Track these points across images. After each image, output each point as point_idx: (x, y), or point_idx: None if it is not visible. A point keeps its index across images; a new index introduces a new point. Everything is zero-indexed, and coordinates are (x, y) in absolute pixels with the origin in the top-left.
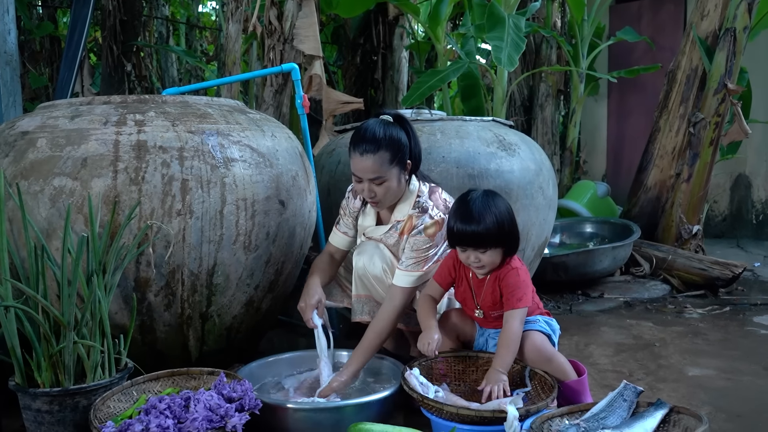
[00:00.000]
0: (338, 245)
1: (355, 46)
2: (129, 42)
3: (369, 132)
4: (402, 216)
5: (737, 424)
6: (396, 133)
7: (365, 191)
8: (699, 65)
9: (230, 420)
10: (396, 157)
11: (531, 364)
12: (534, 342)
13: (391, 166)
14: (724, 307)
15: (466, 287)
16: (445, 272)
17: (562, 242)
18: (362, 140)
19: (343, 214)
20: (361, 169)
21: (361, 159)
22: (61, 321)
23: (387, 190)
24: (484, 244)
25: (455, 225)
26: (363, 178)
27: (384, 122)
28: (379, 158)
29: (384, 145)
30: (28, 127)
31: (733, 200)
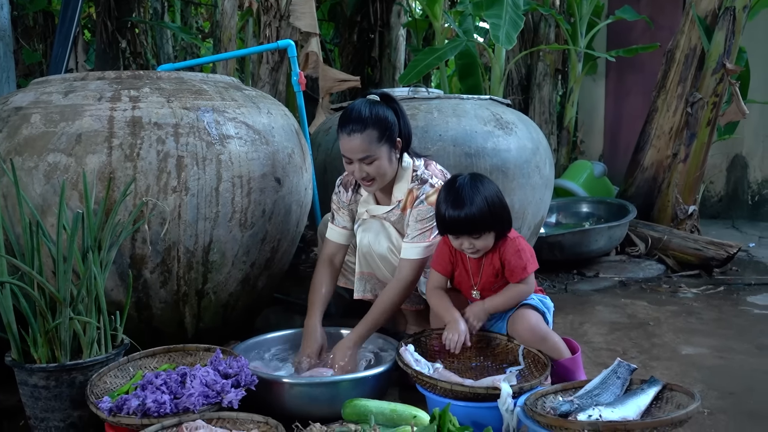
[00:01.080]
0: (338, 241)
1: (352, 23)
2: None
3: (355, 112)
4: (402, 194)
5: (729, 402)
6: (383, 112)
7: (356, 172)
8: (698, 45)
9: (226, 396)
10: (384, 135)
11: (525, 343)
12: (529, 322)
13: (380, 145)
14: (719, 286)
15: (462, 270)
16: (443, 260)
17: (559, 222)
18: (349, 120)
19: (336, 209)
20: (350, 149)
21: (349, 139)
22: (57, 297)
23: (378, 168)
24: (478, 230)
25: (447, 213)
26: (353, 159)
27: (370, 102)
28: (367, 137)
29: (371, 124)
30: (21, 102)
31: (730, 181)
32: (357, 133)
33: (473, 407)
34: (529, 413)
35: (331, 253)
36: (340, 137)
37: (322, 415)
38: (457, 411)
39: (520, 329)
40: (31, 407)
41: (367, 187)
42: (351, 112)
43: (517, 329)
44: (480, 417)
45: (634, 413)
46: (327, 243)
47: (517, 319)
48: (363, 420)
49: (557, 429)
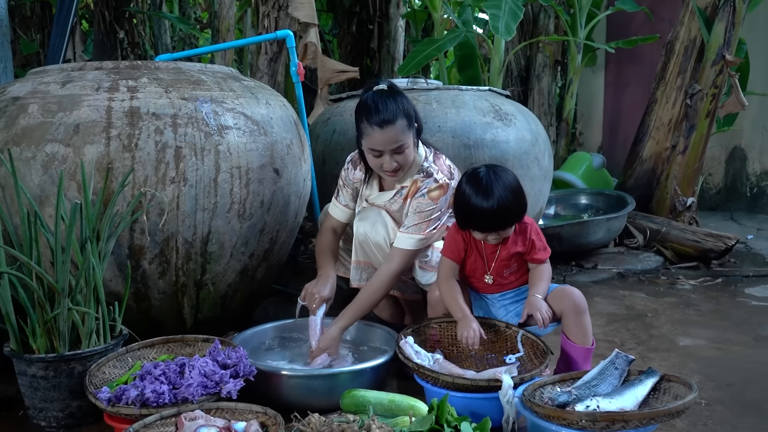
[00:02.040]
0: (339, 218)
1: (350, 14)
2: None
3: (381, 104)
4: (407, 182)
5: (726, 393)
6: (402, 100)
7: (386, 164)
8: (697, 36)
9: (225, 386)
10: (411, 123)
11: (566, 310)
12: (574, 291)
13: (408, 132)
14: (717, 278)
15: (477, 257)
16: (456, 246)
17: (557, 213)
18: (376, 112)
19: (342, 185)
20: (385, 142)
21: (383, 132)
22: (55, 288)
23: (407, 157)
24: (509, 224)
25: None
26: (384, 151)
27: (385, 92)
28: (400, 126)
29: (399, 113)
30: (19, 92)
31: (728, 173)
32: (390, 125)
33: (471, 398)
34: (527, 404)
35: (332, 226)
36: (370, 133)
37: (321, 405)
38: (456, 401)
39: (564, 298)
40: (30, 397)
41: (393, 176)
42: (375, 105)
43: (562, 298)
44: (478, 407)
45: (632, 404)
46: (329, 217)
47: (563, 291)
48: (361, 410)
49: (555, 419)
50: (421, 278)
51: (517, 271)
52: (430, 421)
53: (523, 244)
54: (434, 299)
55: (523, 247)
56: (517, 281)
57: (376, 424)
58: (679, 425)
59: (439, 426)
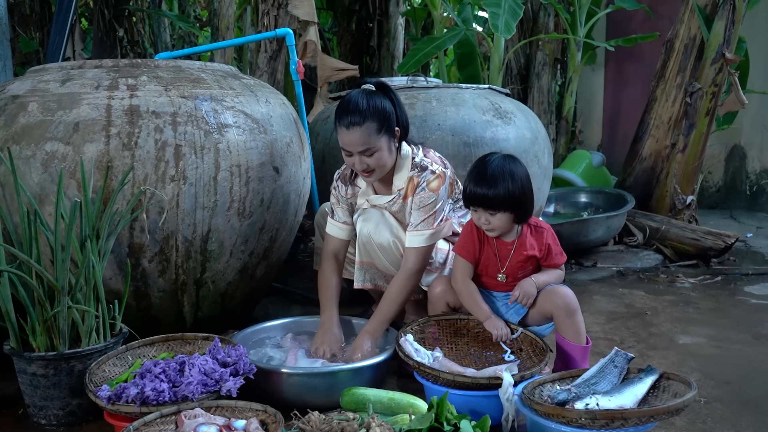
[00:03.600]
0: (340, 236)
1: (350, 12)
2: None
3: (352, 104)
4: (402, 183)
5: (725, 391)
6: (380, 102)
7: (357, 164)
8: (697, 34)
9: (225, 384)
10: (383, 126)
11: (556, 310)
12: (565, 290)
13: (379, 136)
14: (716, 276)
15: (490, 254)
16: (469, 245)
17: (557, 211)
18: (346, 113)
19: (336, 203)
20: (349, 143)
21: (348, 133)
22: (55, 286)
23: (378, 160)
24: (494, 206)
25: (468, 184)
26: (353, 152)
27: (366, 92)
28: (366, 129)
29: (369, 116)
30: (18, 90)
31: (728, 171)
32: (356, 126)
33: (471, 396)
34: (527, 402)
35: (334, 250)
36: (339, 130)
37: (321, 403)
38: (455, 399)
39: (555, 297)
40: (30, 395)
41: (367, 177)
42: (348, 104)
43: (552, 297)
44: (477, 405)
45: (631, 402)
46: (328, 239)
47: (553, 290)
48: (361, 408)
49: (554, 417)
50: (423, 279)
51: (531, 274)
52: (430, 419)
53: (539, 248)
54: (435, 296)
55: (539, 251)
56: None
57: (375, 422)
58: (679, 423)
59: (438, 424)
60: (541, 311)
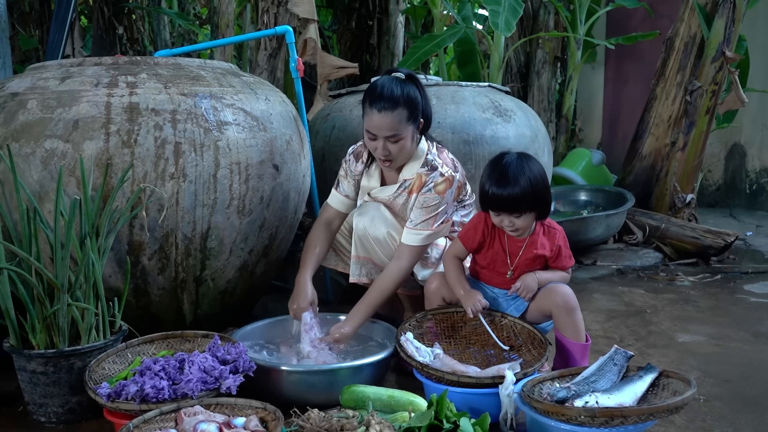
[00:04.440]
0: (338, 208)
1: (350, 10)
2: (120, 4)
3: (387, 89)
4: (411, 175)
5: (725, 389)
6: (412, 91)
7: (379, 149)
8: (697, 32)
9: (224, 382)
10: (412, 116)
11: (555, 308)
12: (564, 289)
13: (407, 124)
14: (716, 275)
15: (499, 250)
16: (474, 235)
17: (557, 210)
18: (380, 97)
19: (343, 176)
20: (378, 126)
21: (380, 116)
22: (55, 283)
23: (401, 148)
24: (519, 208)
25: (490, 189)
26: (378, 136)
27: (399, 80)
28: (398, 116)
29: (402, 103)
30: (18, 88)
31: (728, 169)
32: (388, 111)
33: (470, 393)
34: (526, 399)
35: (329, 218)
36: (368, 113)
37: (320, 401)
38: (455, 397)
39: (555, 295)
40: (30, 393)
41: (385, 165)
42: (382, 89)
43: (551, 296)
44: (477, 403)
45: (631, 400)
46: (326, 208)
47: (553, 288)
48: (361, 406)
49: (554, 415)
50: (418, 273)
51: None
52: (430, 417)
53: (550, 248)
54: (431, 291)
55: (550, 251)
56: None
57: (375, 419)
58: (678, 421)
59: (438, 422)
60: (540, 309)
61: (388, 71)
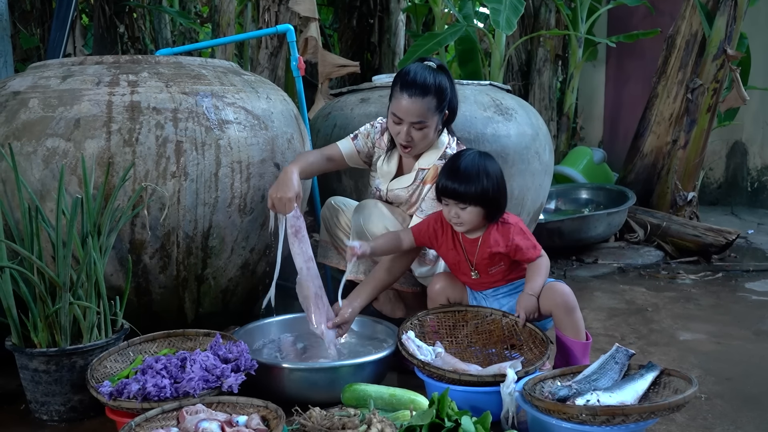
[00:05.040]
0: (344, 151)
1: (351, 8)
2: (121, 2)
3: (420, 76)
4: (427, 164)
5: (726, 387)
6: (443, 81)
7: (402, 134)
8: (699, 30)
9: (226, 380)
10: (440, 105)
11: (554, 308)
12: (563, 288)
13: (434, 113)
14: (717, 273)
15: (459, 250)
16: (424, 228)
17: (558, 208)
18: (413, 83)
19: (365, 135)
20: (407, 111)
21: (410, 101)
22: (57, 282)
23: (424, 136)
24: (464, 199)
25: (441, 178)
26: (404, 120)
27: (431, 68)
28: (427, 103)
29: (433, 91)
30: (19, 87)
31: (729, 167)
32: (419, 97)
33: (472, 392)
34: (528, 398)
35: (330, 154)
36: (398, 97)
37: (322, 399)
38: (456, 395)
39: (554, 295)
40: (32, 391)
41: (405, 151)
42: (415, 75)
43: (550, 296)
44: (478, 401)
45: (632, 398)
46: (333, 146)
47: (552, 287)
48: (362, 404)
49: (555, 413)
50: (416, 270)
51: (506, 269)
52: (431, 415)
53: (505, 245)
54: (435, 292)
55: (505, 248)
56: (507, 278)
57: (376, 418)
58: (679, 419)
59: (439, 420)
60: (540, 309)
61: (421, 59)
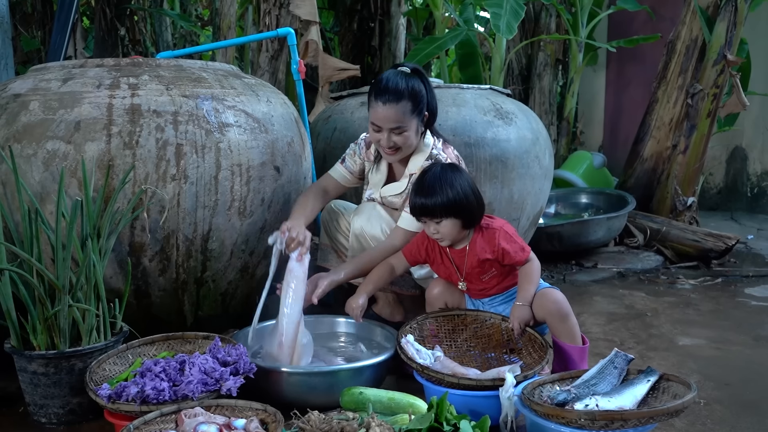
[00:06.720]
0: (338, 179)
1: (352, 12)
2: (122, 5)
3: (392, 82)
4: (416, 168)
5: (725, 392)
6: (417, 85)
7: (383, 140)
8: (699, 36)
9: (225, 383)
10: (416, 108)
11: (548, 316)
12: (555, 295)
13: (411, 116)
14: (716, 278)
15: (448, 263)
16: (414, 249)
17: (558, 212)
18: (385, 90)
19: (351, 155)
20: (383, 118)
21: (385, 108)
22: (56, 284)
23: (406, 139)
24: (436, 214)
25: (411, 197)
26: (383, 128)
27: (404, 73)
28: (402, 108)
29: (406, 96)
30: (20, 89)
31: (729, 173)
32: (392, 104)
33: (470, 396)
34: (527, 402)
35: (326, 186)
36: (374, 106)
37: (320, 403)
38: (455, 399)
39: (546, 302)
40: (31, 394)
41: (390, 155)
42: (387, 82)
43: (544, 304)
44: (477, 405)
45: (631, 403)
46: (326, 177)
47: (545, 295)
48: (361, 408)
49: (554, 418)
50: (415, 272)
51: (499, 275)
52: (430, 419)
53: (491, 251)
54: (433, 297)
55: (492, 254)
56: (501, 285)
57: (375, 421)
58: (678, 424)
59: (438, 424)
60: (534, 317)
61: (395, 66)
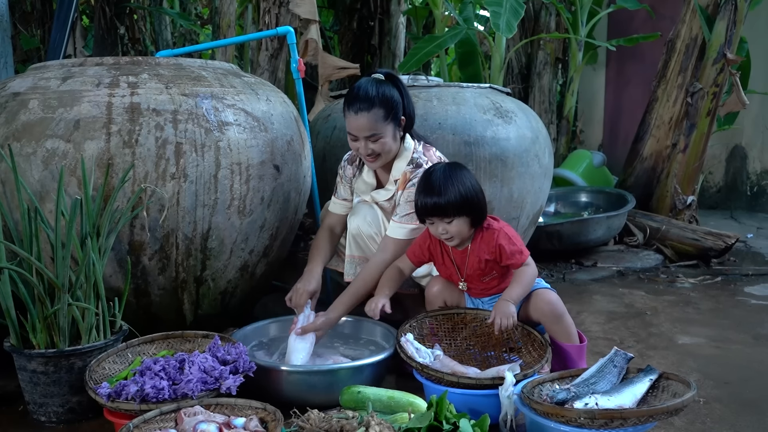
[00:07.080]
0: (339, 212)
1: (351, 11)
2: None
3: (362, 91)
4: (399, 173)
5: (724, 391)
6: (388, 91)
7: (361, 148)
8: (699, 34)
9: (224, 382)
10: (390, 114)
11: (542, 317)
12: (549, 296)
13: (385, 123)
14: (716, 277)
15: (449, 263)
16: (418, 250)
17: (557, 211)
18: (356, 99)
19: (339, 182)
20: (356, 127)
21: (356, 117)
22: (56, 283)
23: (383, 146)
24: (448, 213)
25: (419, 198)
26: (359, 136)
27: (376, 80)
28: (374, 115)
29: (377, 103)
30: (19, 88)
31: (729, 171)
32: (364, 112)
33: (470, 395)
34: (526, 401)
35: (331, 224)
36: (347, 115)
37: (320, 402)
38: (454, 398)
39: (540, 303)
40: (30, 393)
41: (371, 162)
42: (358, 90)
43: (537, 305)
44: (477, 404)
45: (631, 401)
46: (329, 215)
47: (538, 296)
48: (361, 407)
49: (554, 417)
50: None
51: (499, 277)
52: (429, 418)
53: (490, 250)
54: (432, 295)
55: (490, 254)
56: (501, 286)
57: (375, 420)
58: (678, 423)
59: (437, 423)
60: (529, 318)
61: (370, 73)
